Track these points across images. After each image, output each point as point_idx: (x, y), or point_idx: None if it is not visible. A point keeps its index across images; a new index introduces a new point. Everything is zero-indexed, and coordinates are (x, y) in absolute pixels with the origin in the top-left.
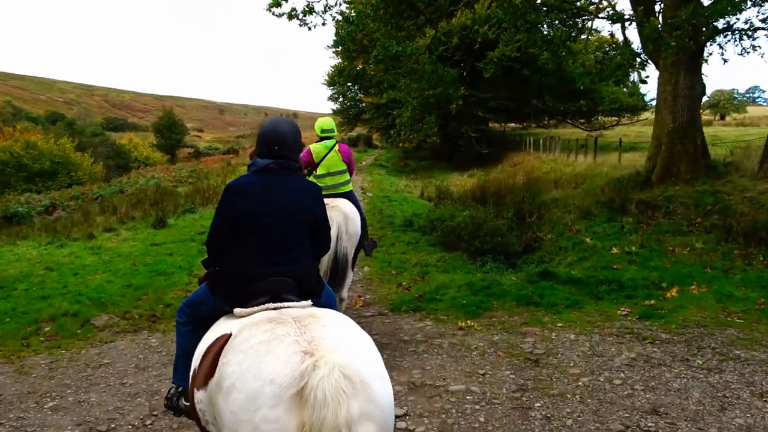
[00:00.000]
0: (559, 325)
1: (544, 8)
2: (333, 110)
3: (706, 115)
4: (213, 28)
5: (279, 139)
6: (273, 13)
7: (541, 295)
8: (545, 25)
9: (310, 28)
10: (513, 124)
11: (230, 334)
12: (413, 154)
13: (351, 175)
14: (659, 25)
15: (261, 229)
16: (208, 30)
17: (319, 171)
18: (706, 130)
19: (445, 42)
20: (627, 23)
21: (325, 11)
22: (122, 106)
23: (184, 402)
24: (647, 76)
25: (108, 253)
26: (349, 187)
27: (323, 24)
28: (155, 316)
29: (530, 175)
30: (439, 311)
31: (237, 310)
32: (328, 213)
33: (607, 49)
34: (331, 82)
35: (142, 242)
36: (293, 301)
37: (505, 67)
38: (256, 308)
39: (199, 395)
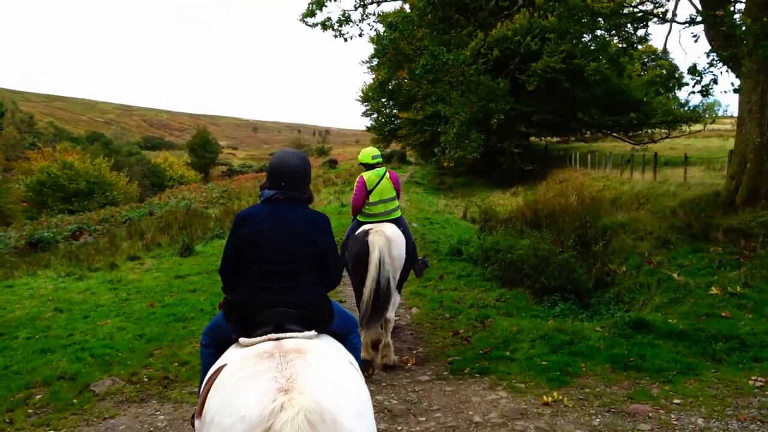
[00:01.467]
0: (676, 402)
1: (600, 16)
2: (367, 127)
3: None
4: (247, 48)
5: (286, 173)
6: (307, 24)
7: (642, 356)
8: (597, 32)
9: (346, 39)
10: (553, 139)
11: (225, 365)
12: (449, 170)
13: (398, 200)
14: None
15: (265, 258)
16: (242, 49)
17: (372, 198)
18: None
19: (485, 54)
20: (691, 25)
21: (362, 20)
22: (160, 125)
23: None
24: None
25: (127, 289)
26: (398, 213)
27: (360, 35)
28: (167, 379)
29: (583, 195)
30: (512, 376)
31: (242, 340)
32: (370, 238)
33: (646, 60)
34: (365, 98)
35: (166, 273)
36: (296, 330)
37: (548, 79)
38: (258, 339)
39: (197, 424)
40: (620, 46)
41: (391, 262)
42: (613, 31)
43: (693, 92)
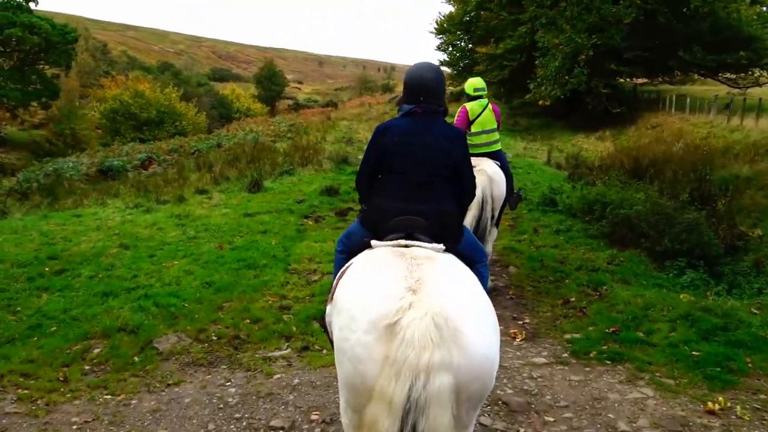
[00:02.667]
0: None
1: None
2: (440, 61)
3: None
4: None
5: (423, 87)
6: None
7: None
8: None
9: None
10: (638, 80)
11: (358, 260)
12: (523, 111)
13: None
14: None
15: (403, 168)
16: None
17: (474, 129)
18: None
19: None
20: None
21: None
22: (228, 57)
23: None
24: None
25: (194, 226)
26: (499, 146)
27: None
28: (238, 339)
29: (688, 143)
30: (655, 367)
31: (374, 243)
32: None
33: None
34: (440, 30)
35: (234, 210)
36: (425, 241)
37: (647, 11)
38: (388, 243)
39: (328, 309)
40: None
41: (491, 201)
42: None
43: None
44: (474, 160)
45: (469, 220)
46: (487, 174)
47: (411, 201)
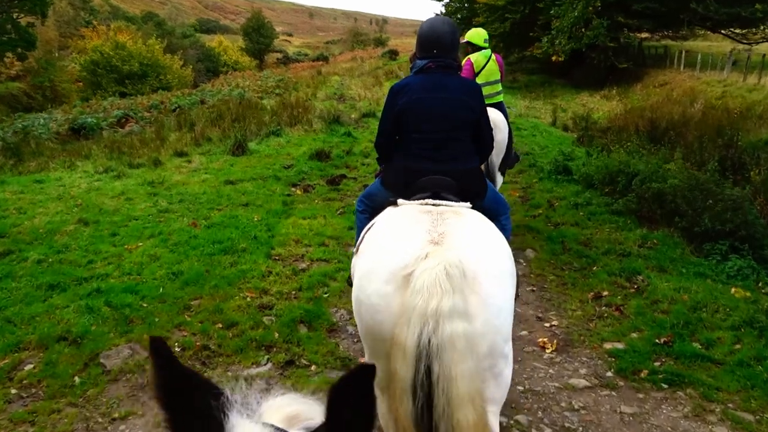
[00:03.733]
0: None
1: None
2: (437, 13)
3: None
4: None
5: (437, 41)
6: None
7: None
8: None
9: None
10: (642, 35)
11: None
12: (520, 66)
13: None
14: None
15: (423, 127)
16: None
17: (479, 80)
18: None
19: None
20: None
21: None
22: (215, 7)
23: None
24: None
25: (168, 195)
26: (501, 97)
27: None
28: (208, 351)
29: (706, 103)
30: (726, 395)
31: (400, 201)
32: None
33: None
34: None
35: (215, 176)
36: (452, 200)
37: None
38: (416, 201)
39: (354, 261)
40: None
41: (495, 145)
42: None
43: None
44: None
45: None
46: (492, 119)
47: (435, 160)
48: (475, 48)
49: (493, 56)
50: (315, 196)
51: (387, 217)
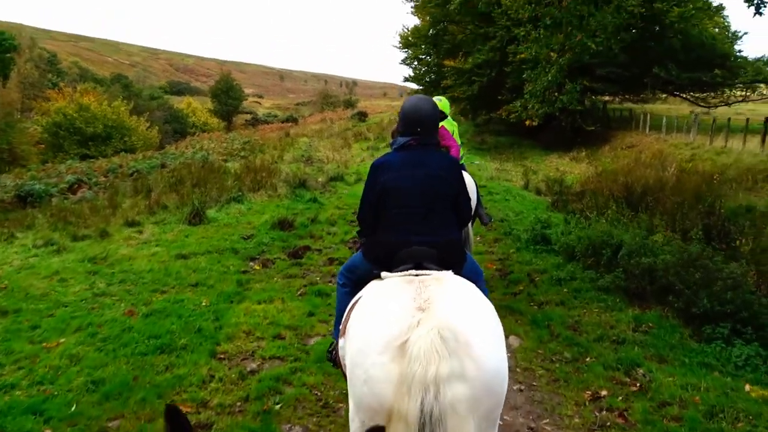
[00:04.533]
0: None
1: None
2: (406, 77)
3: None
4: None
5: (420, 120)
6: None
7: None
8: None
9: None
10: (604, 97)
11: (368, 292)
12: (488, 128)
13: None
14: None
15: (405, 202)
16: None
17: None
18: None
19: None
20: None
21: None
22: (186, 70)
23: (335, 354)
24: None
25: (110, 274)
26: (462, 161)
27: None
28: None
29: (678, 167)
30: None
31: (384, 274)
32: None
33: None
34: (405, 44)
35: (167, 249)
36: (434, 269)
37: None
38: (399, 273)
39: (340, 343)
40: None
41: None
42: None
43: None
44: None
45: None
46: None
47: (416, 233)
48: (443, 115)
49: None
50: (274, 273)
51: (371, 291)
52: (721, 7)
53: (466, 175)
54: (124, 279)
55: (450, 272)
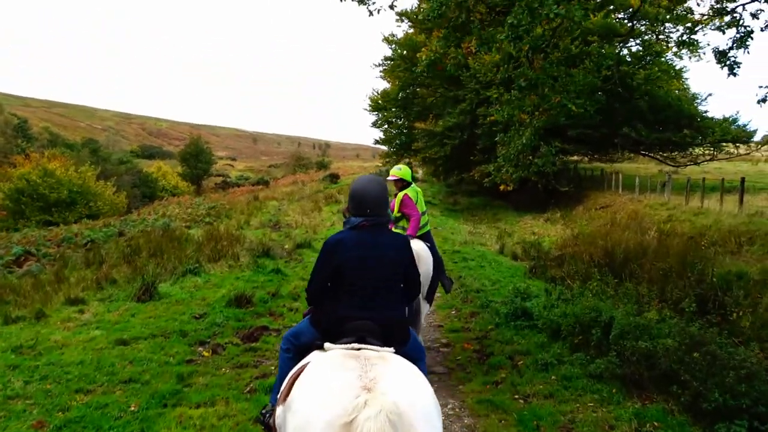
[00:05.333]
0: None
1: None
2: (376, 140)
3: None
4: (249, 58)
5: (369, 201)
6: None
7: None
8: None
9: (371, 13)
10: (573, 157)
11: (313, 362)
12: (461, 189)
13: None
14: None
15: (356, 280)
16: (244, 60)
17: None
18: None
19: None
20: None
21: None
22: (158, 134)
23: (271, 420)
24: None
25: (32, 368)
26: (428, 227)
27: (391, 6)
28: None
29: (657, 229)
30: None
31: (327, 345)
32: None
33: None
34: (375, 107)
35: (108, 333)
36: (376, 345)
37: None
38: (342, 346)
39: (278, 410)
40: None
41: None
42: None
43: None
44: None
45: None
46: (414, 249)
47: (365, 308)
48: (405, 184)
49: (419, 189)
50: (224, 361)
51: (316, 364)
52: (682, 70)
53: (421, 249)
54: (48, 375)
55: (391, 350)
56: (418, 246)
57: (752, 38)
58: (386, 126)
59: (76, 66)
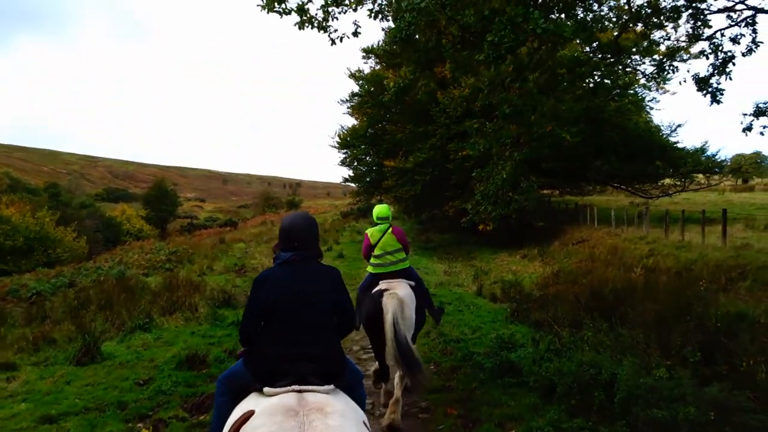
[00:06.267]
0: None
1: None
2: (345, 178)
3: (729, 181)
4: (218, 99)
5: (296, 235)
6: (276, 11)
7: None
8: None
9: (334, 42)
10: (543, 190)
11: (252, 412)
12: (431, 224)
13: (407, 254)
14: None
15: (285, 316)
16: (213, 100)
17: (377, 252)
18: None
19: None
20: None
21: (359, 2)
22: (125, 176)
23: None
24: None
25: None
26: (406, 264)
27: (354, 33)
28: None
29: (642, 265)
30: None
31: (266, 390)
32: (384, 300)
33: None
34: (343, 144)
35: (34, 407)
36: (316, 384)
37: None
38: (281, 390)
39: None
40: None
41: (403, 322)
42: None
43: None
44: (387, 284)
45: (389, 345)
46: (398, 296)
47: (297, 345)
48: (374, 223)
49: (390, 229)
50: None
51: (255, 425)
52: (649, 101)
53: (405, 292)
54: None
55: (331, 388)
56: (403, 292)
57: (734, 64)
58: (355, 163)
59: (37, 109)
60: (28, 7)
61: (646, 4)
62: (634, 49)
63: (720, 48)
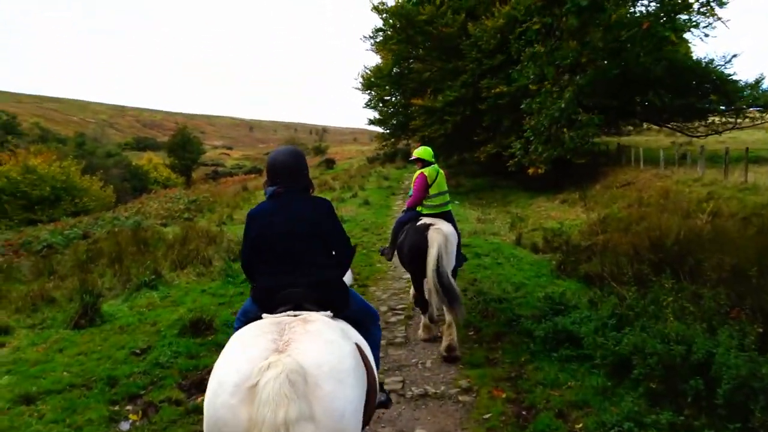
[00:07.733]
0: None
1: None
2: (370, 119)
3: None
4: (244, 46)
5: (280, 169)
6: None
7: None
8: None
9: None
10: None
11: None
12: (460, 168)
13: None
14: None
15: (276, 247)
16: (239, 48)
17: (432, 191)
18: None
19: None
20: None
21: None
22: (153, 125)
23: None
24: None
25: None
26: (450, 206)
27: None
28: None
29: (702, 208)
30: None
31: (264, 315)
32: (431, 234)
33: None
34: (367, 85)
35: (17, 381)
36: (312, 310)
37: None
38: (278, 315)
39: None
40: None
41: (446, 256)
42: None
43: None
44: (431, 219)
45: (430, 277)
46: (443, 233)
47: (292, 275)
48: (425, 163)
49: (441, 170)
50: None
51: (239, 333)
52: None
53: (450, 233)
54: None
55: (324, 314)
56: (448, 229)
57: None
58: (380, 105)
59: (69, 60)
60: None
61: None
62: None
63: None
